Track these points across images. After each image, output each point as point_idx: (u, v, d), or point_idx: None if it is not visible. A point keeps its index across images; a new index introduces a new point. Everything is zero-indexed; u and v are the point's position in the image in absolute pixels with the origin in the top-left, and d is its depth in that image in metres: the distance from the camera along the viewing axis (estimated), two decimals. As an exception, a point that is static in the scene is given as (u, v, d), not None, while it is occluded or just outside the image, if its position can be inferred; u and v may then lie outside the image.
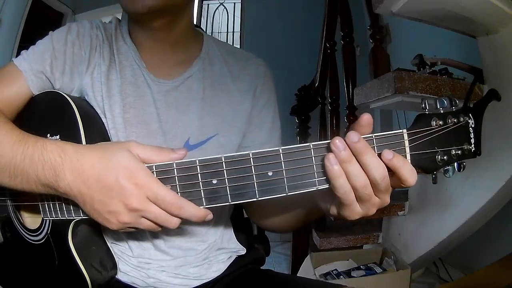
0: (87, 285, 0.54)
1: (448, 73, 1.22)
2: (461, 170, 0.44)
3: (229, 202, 0.43)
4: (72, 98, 0.57)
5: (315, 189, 0.42)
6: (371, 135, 0.41)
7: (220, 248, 0.69)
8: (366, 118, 0.41)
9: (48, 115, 0.59)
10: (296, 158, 0.41)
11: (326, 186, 0.42)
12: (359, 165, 0.40)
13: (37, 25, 2.76)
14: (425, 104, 0.43)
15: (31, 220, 0.62)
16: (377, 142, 0.41)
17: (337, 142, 0.39)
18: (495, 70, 1.14)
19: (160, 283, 0.63)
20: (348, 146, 0.39)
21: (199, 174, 0.42)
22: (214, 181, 0.42)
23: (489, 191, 1.16)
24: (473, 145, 0.44)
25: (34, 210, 0.59)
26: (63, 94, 0.58)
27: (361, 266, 1.53)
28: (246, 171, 0.42)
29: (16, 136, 0.48)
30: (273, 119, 0.70)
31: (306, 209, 0.58)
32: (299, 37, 3.09)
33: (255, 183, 0.42)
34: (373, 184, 0.40)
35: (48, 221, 0.57)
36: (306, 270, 1.61)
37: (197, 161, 0.42)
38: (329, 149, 0.40)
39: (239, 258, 0.72)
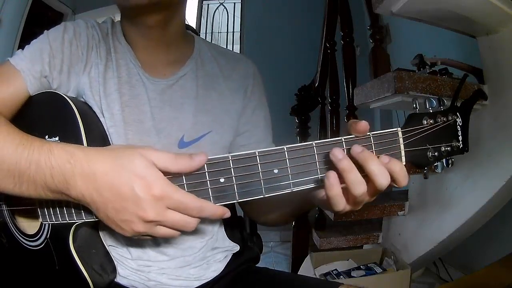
0: (88, 288, 0.54)
1: (448, 73, 1.21)
2: (449, 166, 0.48)
3: (236, 200, 0.43)
4: (71, 98, 0.56)
5: (318, 185, 0.44)
6: (368, 133, 0.44)
7: (216, 247, 0.70)
8: (363, 125, 0.43)
9: (46, 116, 0.57)
10: (300, 155, 0.43)
11: None
12: (359, 174, 0.42)
13: (37, 25, 2.75)
14: (416, 104, 0.47)
15: (27, 225, 0.61)
16: (374, 140, 0.44)
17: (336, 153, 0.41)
18: (495, 70, 1.14)
19: (161, 285, 0.63)
20: (353, 156, 0.41)
21: (206, 173, 0.43)
22: (222, 180, 0.43)
23: (489, 191, 1.16)
24: (461, 142, 0.48)
25: (32, 214, 0.57)
26: (62, 94, 0.56)
27: (361, 266, 1.53)
28: (252, 169, 0.43)
29: (19, 139, 0.45)
30: (265, 117, 0.73)
31: (300, 203, 0.59)
32: (299, 37, 3.08)
33: (261, 180, 0.43)
34: (377, 190, 0.43)
35: (47, 225, 0.56)
36: (306, 270, 1.61)
37: None
38: (330, 147, 0.42)
39: (235, 257, 0.73)
